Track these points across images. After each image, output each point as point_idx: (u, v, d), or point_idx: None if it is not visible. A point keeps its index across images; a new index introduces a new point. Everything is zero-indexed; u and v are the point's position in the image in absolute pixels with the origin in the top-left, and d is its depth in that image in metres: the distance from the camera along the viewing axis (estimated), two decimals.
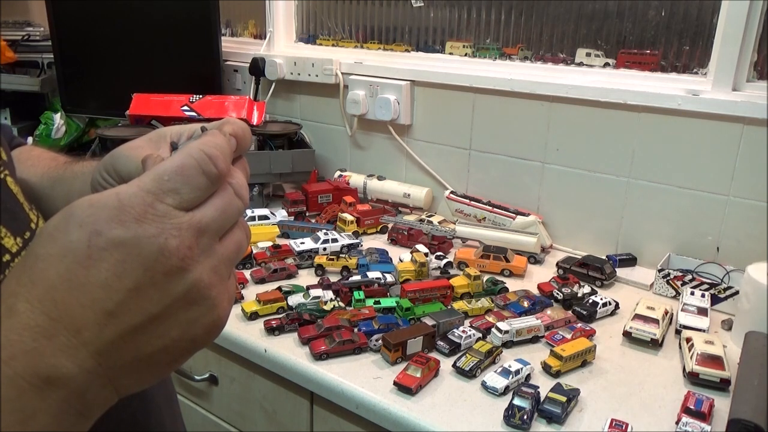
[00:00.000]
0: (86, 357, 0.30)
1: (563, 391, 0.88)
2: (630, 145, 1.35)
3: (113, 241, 0.30)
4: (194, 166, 0.33)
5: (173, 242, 0.31)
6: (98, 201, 0.31)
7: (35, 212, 0.44)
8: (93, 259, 0.30)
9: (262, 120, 1.74)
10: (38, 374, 0.29)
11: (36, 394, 0.28)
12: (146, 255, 0.30)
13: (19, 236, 0.40)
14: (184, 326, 0.32)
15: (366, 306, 1.12)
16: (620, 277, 1.32)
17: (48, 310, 0.29)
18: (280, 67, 1.85)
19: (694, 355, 0.96)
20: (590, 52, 1.45)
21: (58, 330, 0.29)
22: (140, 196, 0.31)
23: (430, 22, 1.71)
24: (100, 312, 0.30)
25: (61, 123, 1.96)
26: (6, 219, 0.39)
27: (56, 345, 0.29)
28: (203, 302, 0.32)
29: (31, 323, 0.29)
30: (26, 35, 2.09)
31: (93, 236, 0.30)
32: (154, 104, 1.69)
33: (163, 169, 0.33)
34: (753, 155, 1.20)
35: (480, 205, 1.53)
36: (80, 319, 0.30)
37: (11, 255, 0.38)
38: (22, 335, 0.29)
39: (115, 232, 0.30)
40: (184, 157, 0.33)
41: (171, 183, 0.32)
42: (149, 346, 0.31)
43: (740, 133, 1.21)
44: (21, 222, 0.41)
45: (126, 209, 0.31)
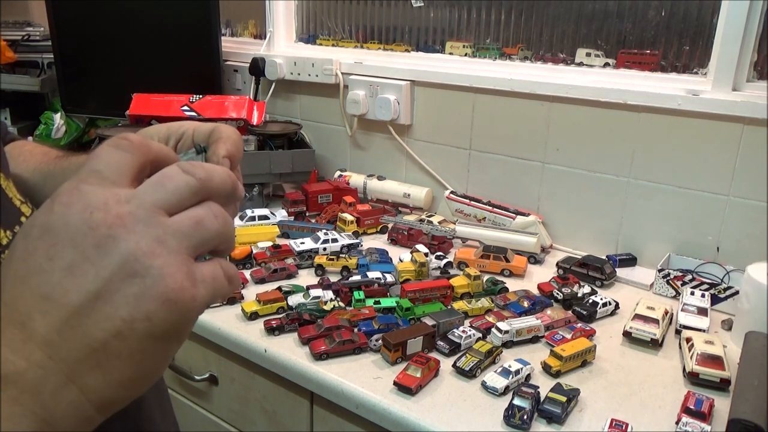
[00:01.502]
0: (34, 349, 0.29)
1: (563, 391, 0.88)
2: (630, 145, 1.35)
3: (42, 227, 0.30)
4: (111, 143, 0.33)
5: (98, 215, 0.30)
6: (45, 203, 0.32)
7: (29, 206, 0.44)
8: (29, 251, 0.30)
9: (262, 120, 1.74)
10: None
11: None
12: (74, 232, 0.30)
13: (9, 230, 0.40)
14: (132, 303, 0.30)
15: (366, 306, 1.12)
16: (620, 277, 1.32)
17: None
18: (280, 67, 1.85)
19: (694, 355, 0.96)
20: (590, 52, 1.45)
21: (6, 326, 0.29)
22: (67, 183, 0.32)
23: (430, 22, 1.71)
24: (39, 298, 0.29)
25: (61, 123, 1.96)
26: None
27: (4, 342, 0.28)
28: (146, 273, 0.30)
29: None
30: (26, 35, 2.09)
31: (29, 228, 0.31)
32: (154, 104, 1.69)
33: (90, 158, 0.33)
34: (753, 155, 1.20)
35: (480, 205, 1.53)
36: (23, 310, 0.29)
37: (2, 247, 0.38)
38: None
39: (42, 218, 0.31)
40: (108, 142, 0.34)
41: (91, 164, 0.32)
42: (99, 331, 0.29)
43: (740, 133, 1.21)
44: (11, 215, 0.41)
45: (56, 197, 0.31)
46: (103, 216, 0.30)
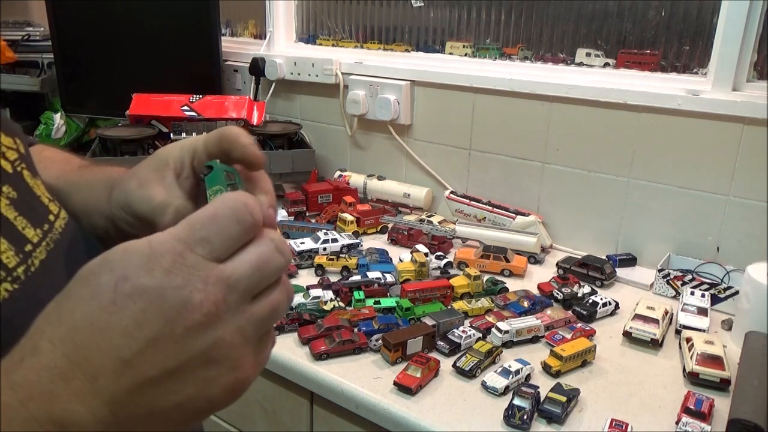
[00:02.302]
0: (100, 405, 0.29)
1: (563, 391, 0.88)
2: (630, 145, 1.35)
3: (138, 288, 0.30)
4: (227, 215, 0.32)
5: (198, 296, 0.30)
6: (132, 247, 0.31)
7: (56, 204, 0.44)
8: (117, 305, 0.29)
9: (262, 120, 1.74)
10: (52, 418, 0.28)
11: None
12: (169, 306, 0.30)
13: (39, 228, 0.40)
14: (200, 384, 0.31)
15: (366, 306, 1.12)
16: (620, 277, 1.32)
17: (68, 352, 0.29)
18: (280, 67, 1.85)
19: (694, 355, 0.96)
20: (590, 52, 1.45)
21: (75, 374, 0.29)
22: (171, 244, 0.31)
23: (430, 22, 1.71)
24: (117, 360, 0.29)
25: (61, 123, 1.96)
26: (25, 210, 0.39)
27: (72, 389, 0.28)
28: (223, 362, 0.31)
29: (51, 364, 0.28)
30: (26, 35, 2.09)
31: (120, 281, 0.30)
32: (154, 104, 1.69)
33: (196, 217, 0.32)
34: (753, 155, 1.20)
35: (480, 205, 1.53)
36: (98, 364, 0.29)
37: (33, 245, 0.38)
38: (40, 376, 0.28)
39: (141, 279, 0.30)
40: (218, 205, 0.32)
41: (202, 231, 0.31)
42: (163, 401, 0.31)
43: (740, 133, 1.21)
44: (39, 214, 0.41)
45: (155, 257, 0.30)
46: (201, 300, 0.30)
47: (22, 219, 0.38)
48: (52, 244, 0.40)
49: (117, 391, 0.29)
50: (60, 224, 0.43)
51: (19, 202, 0.39)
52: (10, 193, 0.38)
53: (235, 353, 0.32)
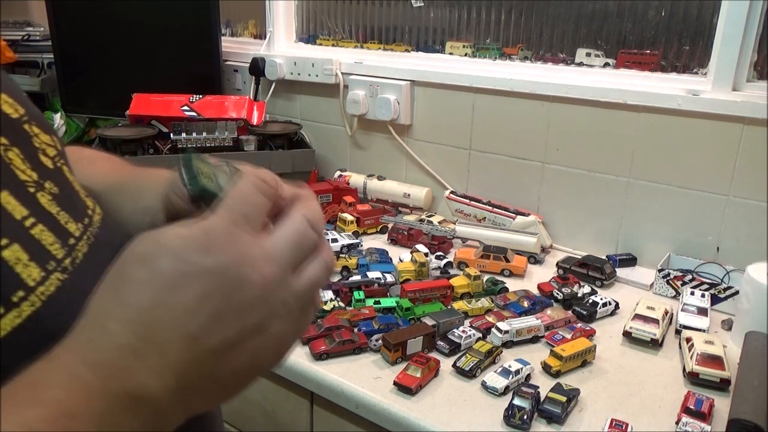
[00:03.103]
0: (170, 377, 0.31)
1: (563, 391, 0.88)
2: (630, 145, 1.35)
3: (199, 268, 0.32)
4: (253, 191, 0.35)
5: (253, 273, 0.33)
6: (187, 234, 0.33)
7: (91, 200, 0.45)
8: (180, 286, 0.31)
9: (262, 120, 1.74)
10: (129, 393, 0.30)
11: (125, 412, 0.30)
12: (227, 283, 0.32)
13: (80, 222, 0.41)
14: (252, 354, 0.33)
15: (366, 306, 1.12)
16: (620, 277, 1.32)
17: (137, 331, 0.31)
18: (280, 67, 1.85)
19: (694, 355, 0.96)
20: (590, 52, 1.45)
21: (148, 350, 0.31)
22: (221, 226, 0.33)
23: (430, 22, 1.71)
24: (184, 334, 0.31)
25: (61, 123, 1.96)
26: (66, 205, 0.40)
27: (145, 365, 0.30)
28: (271, 333, 0.34)
29: (123, 342, 0.30)
30: (26, 35, 2.09)
31: (182, 264, 0.32)
32: (154, 104, 1.69)
33: (229, 197, 0.35)
34: (753, 155, 1.20)
35: (480, 205, 1.53)
36: (166, 340, 0.31)
37: (75, 239, 0.40)
38: (115, 354, 0.30)
39: (202, 260, 0.32)
40: (241, 185, 0.36)
41: (241, 208, 0.34)
42: (223, 370, 0.33)
43: (740, 133, 1.21)
44: (79, 209, 0.42)
45: (211, 240, 0.33)
46: (256, 277, 0.33)
47: (64, 214, 0.39)
48: (93, 238, 0.42)
49: (185, 363, 0.31)
50: (97, 219, 0.44)
51: (60, 197, 0.40)
52: (52, 188, 0.40)
53: (282, 325, 0.34)
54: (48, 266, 0.36)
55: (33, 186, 0.38)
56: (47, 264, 0.36)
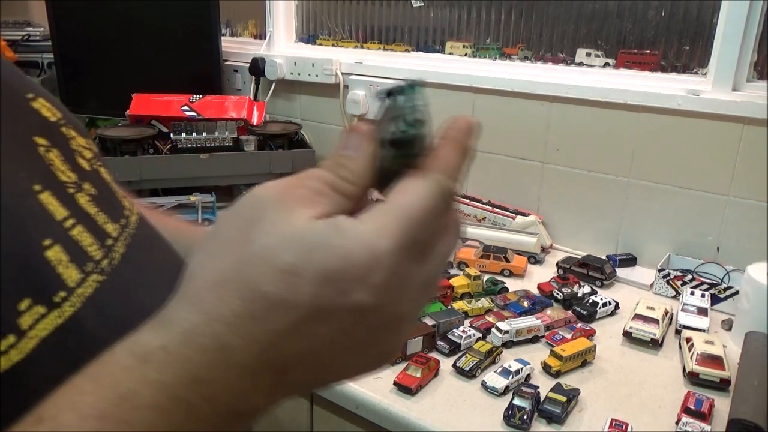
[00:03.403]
0: (279, 392, 0.29)
1: (563, 391, 0.88)
2: (630, 145, 1.35)
3: (355, 304, 0.27)
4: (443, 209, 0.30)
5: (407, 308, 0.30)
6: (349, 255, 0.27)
7: (128, 200, 0.45)
8: (328, 316, 0.27)
9: (262, 120, 1.74)
10: (236, 411, 0.28)
11: (226, 425, 0.28)
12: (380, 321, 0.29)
13: (117, 223, 0.41)
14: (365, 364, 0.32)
15: None
16: (620, 277, 1.32)
17: (263, 352, 0.27)
18: (280, 67, 1.85)
19: (694, 355, 0.96)
20: (590, 52, 1.45)
21: (266, 373, 0.28)
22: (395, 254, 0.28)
23: (430, 22, 1.71)
24: (316, 363, 0.29)
25: None
26: (104, 206, 0.40)
27: (260, 385, 0.28)
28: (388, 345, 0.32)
29: (242, 362, 0.27)
30: (26, 35, 2.09)
31: (337, 295, 0.27)
32: (154, 104, 1.69)
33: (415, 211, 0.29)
34: (753, 155, 1.20)
35: (480, 205, 1.53)
36: (293, 365, 0.28)
37: (113, 239, 0.39)
38: (229, 373, 0.27)
39: (361, 296, 0.27)
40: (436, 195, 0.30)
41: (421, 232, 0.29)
42: (333, 380, 0.32)
43: (740, 133, 1.21)
44: (117, 210, 0.42)
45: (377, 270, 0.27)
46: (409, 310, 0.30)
47: (102, 214, 0.39)
48: (130, 239, 0.41)
49: (302, 383, 0.30)
50: (134, 219, 0.43)
51: (98, 198, 0.40)
52: (90, 189, 0.39)
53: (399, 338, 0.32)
54: (86, 267, 0.35)
55: (72, 187, 0.38)
56: (85, 265, 0.35)
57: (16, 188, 0.33)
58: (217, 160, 1.59)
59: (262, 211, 0.29)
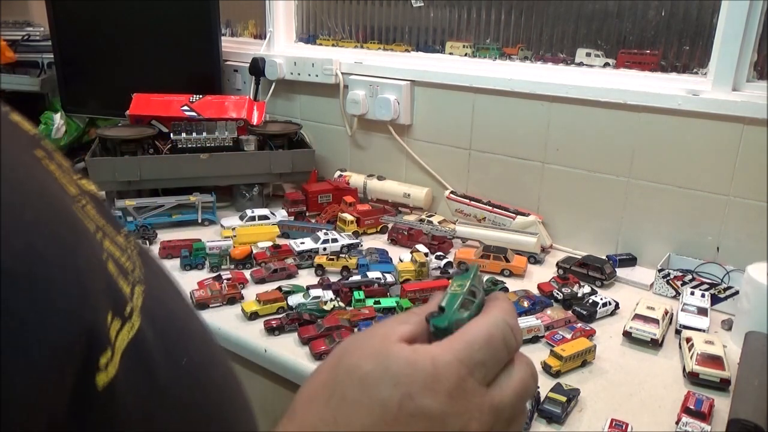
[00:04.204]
0: None
1: (563, 391, 0.88)
2: (630, 145, 1.35)
3: (423, 409, 0.30)
4: (500, 339, 0.33)
5: (474, 425, 0.31)
6: (418, 363, 0.31)
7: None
8: (399, 422, 0.30)
9: (262, 120, 1.74)
10: None
11: None
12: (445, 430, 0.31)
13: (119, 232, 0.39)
14: None
15: (366, 306, 1.12)
16: (620, 277, 1.32)
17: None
18: (280, 67, 1.85)
19: (694, 355, 0.96)
20: (590, 52, 1.45)
21: None
22: (455, 366, 0.32)
23: (430, 22, 1.71)
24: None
25: (61, 123, 1.96)
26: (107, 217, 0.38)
27: None
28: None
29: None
30: (26, 35, 2.09)
31: (405, 399, 0.30)
32: (154, 104, 1.69)
33: (474, 336, 0.33)
34: (753, 155, 1.20)
35: (480, 205, 1.53)
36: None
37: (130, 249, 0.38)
38: None
39: (427, 401, 0.30)
40: (491, 327, 0.34)
41: (480, 354, 0.33)
42: None
43: (740, 133, 1.21)
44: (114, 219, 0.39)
45: (440, 379, 0.31)
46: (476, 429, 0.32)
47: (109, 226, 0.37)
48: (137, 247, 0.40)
49: None
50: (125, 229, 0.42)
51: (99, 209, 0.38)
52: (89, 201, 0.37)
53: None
54: (129, 279, 0.34)
55: (79, 200, 0.36)
56: (128, 277, 0.34)
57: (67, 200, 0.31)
58: (217, 160, 1.59)
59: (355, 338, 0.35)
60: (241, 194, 1.66)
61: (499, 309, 0.36)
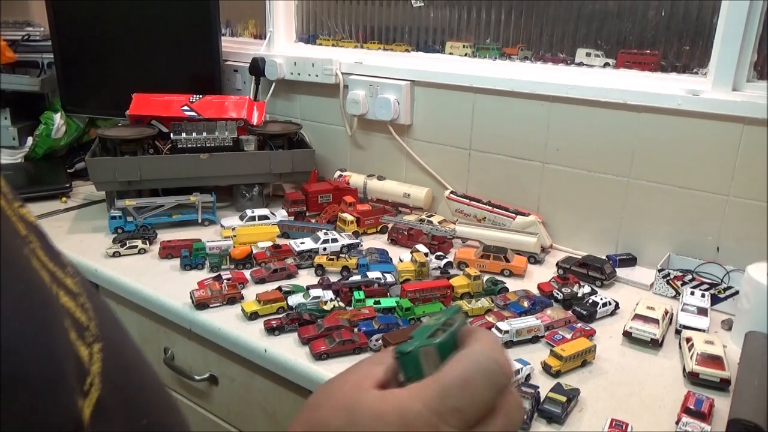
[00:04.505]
0: None
1: (563, 391, 0.88)
2: (630, 145, 1.35)
3: None
4: (481, 380, 0.31)
5: None
6: (382, 415, 0.30)
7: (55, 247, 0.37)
8: None
9: (262, 120, 1.74)
10: None
11: None
12: None
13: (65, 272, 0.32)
14: None
15: (366, 306, 1.12)
16: (620, 277, 1.32)
17: None
18: (280, 67, 1.85)
19: (694, 355, 0.96)
20: (590, 52, 1.45)
21: None
22: (425, 416, 0.29)
23: (430, 22, 1.71)
24: None
25: (61, 123, 1.96)
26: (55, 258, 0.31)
27: None
28: None
29: None
30: (26, 35, 2.09)
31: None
32: (154, 104, 1.69)
33: (449, 380, 0.30)
34: (753, 155, 1.20)
35: (480, 205, 1.53)
36: None
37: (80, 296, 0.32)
38: None
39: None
40: (469, 367, 0.31)
41: (454, 400, 0.30)
42: None
43: (740, 133, 1.21)
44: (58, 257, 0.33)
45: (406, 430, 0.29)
46: None
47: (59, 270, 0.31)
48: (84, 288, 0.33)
49: None
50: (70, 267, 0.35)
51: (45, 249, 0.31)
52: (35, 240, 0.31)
53: None
54: (86, 339, 0.29)
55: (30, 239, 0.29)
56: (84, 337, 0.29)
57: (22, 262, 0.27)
58: (217, 160, 1.59)
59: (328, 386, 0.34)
60: (241, 194, 1.66)
61: (480, 342, 0.32)
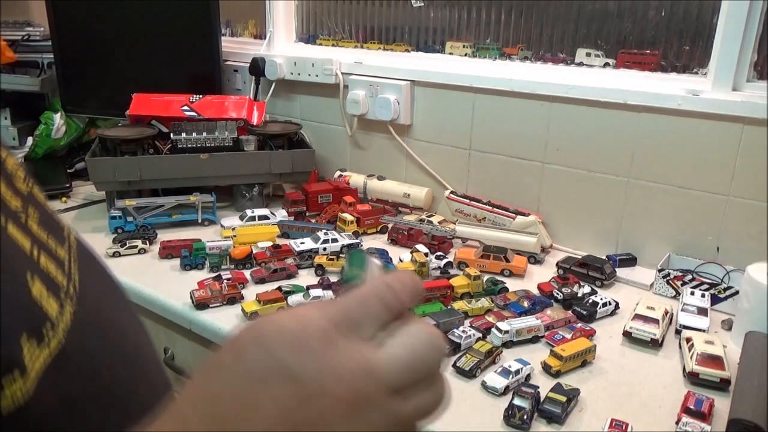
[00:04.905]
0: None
1: (563, 391, 0.88)
2: (630, 145, 1.35)
3: (282, 368, 0.30)
4: (373, 297, 0.32)
5: (339, 386, 0.30)
6: (283, 324, 0.31)
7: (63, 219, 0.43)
8: (262, 383, 0.29)
9: (262, 120, 1.74)
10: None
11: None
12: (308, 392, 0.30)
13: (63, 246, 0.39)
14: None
15: None
16: (620, 277, 1.32)
17: (208, 421, 0.30)
18: (280, 67, 1.85)
19: (694, 355, 0.96)
20: (590, 52, 1.45)
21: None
22: (322, 326, 0.31)
23: (430, 22, 1.71)
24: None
25: (61, 123, 1.96)
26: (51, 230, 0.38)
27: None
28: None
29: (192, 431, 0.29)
30: (26, 35, 2.09)
31: (268, 358, 0.30)
32: (154, 104, 1.69)
33: (348, 299, 0.32)
34: (753, 155, 1.20)
35: (480, 205, 1.53)
36: None
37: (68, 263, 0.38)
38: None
39: (287, 359, 0.30)
40: (366, 288, 0.33)
41: (351, 311, 0.32)
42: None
43: (740, 133, 1.21)
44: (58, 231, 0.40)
45: (306, 339, 0.30)
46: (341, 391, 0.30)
47: (52, 239, 0.38)
48: (77, 260, 0.40)
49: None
50: (72, 238, 0.42)
51: (43, 221, 0.38)
52: (34, 214, 0.37)
53: None
54: (60, 297, 0.34)
55: (22, 214, 0.35)
56: (58, 296, 0.34)
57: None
58: (217, 160, 1.59)
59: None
60: (241, 194, 1.66)
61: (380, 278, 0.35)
